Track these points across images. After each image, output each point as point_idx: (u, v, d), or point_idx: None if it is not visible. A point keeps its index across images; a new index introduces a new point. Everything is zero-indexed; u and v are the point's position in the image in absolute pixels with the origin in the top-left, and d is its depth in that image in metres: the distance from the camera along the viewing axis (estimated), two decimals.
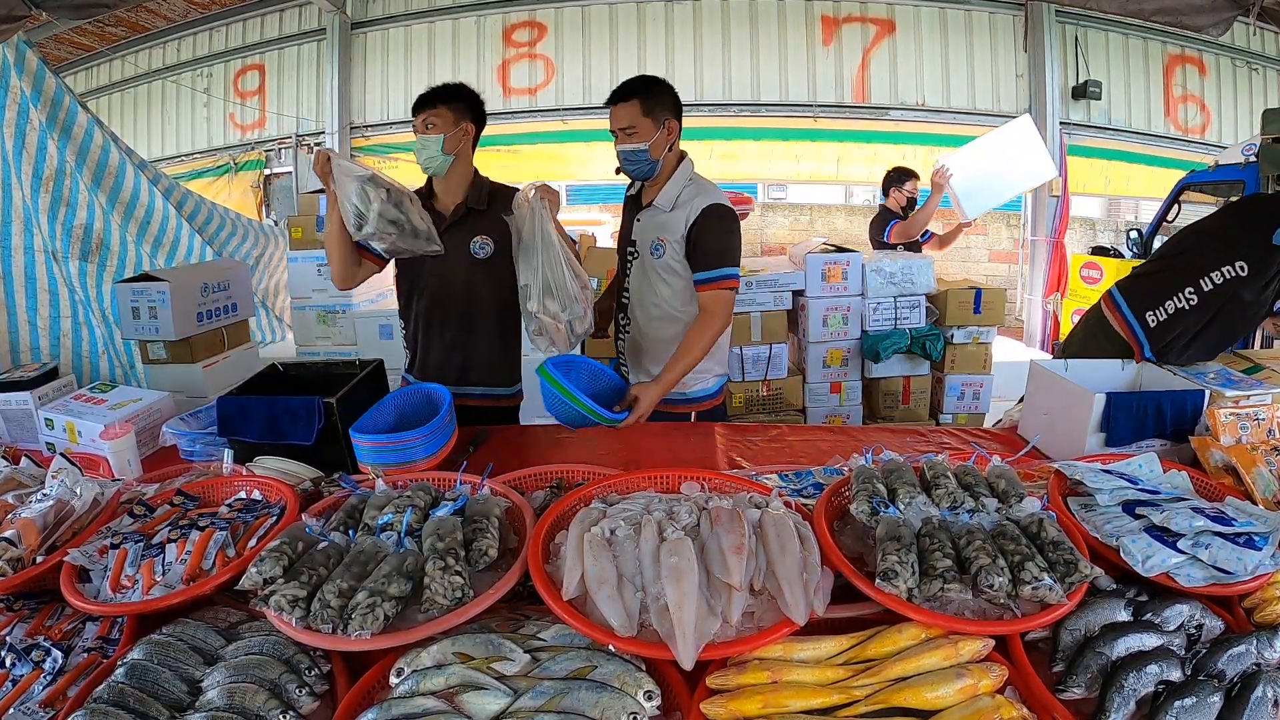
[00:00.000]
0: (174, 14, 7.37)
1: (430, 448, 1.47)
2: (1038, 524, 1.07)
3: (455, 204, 1.99)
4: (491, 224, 1.94)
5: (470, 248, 1.96)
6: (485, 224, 1.96)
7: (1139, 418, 1.55)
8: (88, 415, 1.75)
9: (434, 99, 1.93)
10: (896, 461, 1.28)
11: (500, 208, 1.90)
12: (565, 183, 7.31)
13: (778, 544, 1.01)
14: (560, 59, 6.77)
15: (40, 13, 2.30)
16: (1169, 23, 2.14)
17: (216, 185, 7.39)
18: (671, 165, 1.98)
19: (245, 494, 1.35)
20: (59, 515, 1.25)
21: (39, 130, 2.86)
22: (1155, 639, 0.94)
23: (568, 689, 0.87)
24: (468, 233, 1.96)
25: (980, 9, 6.54)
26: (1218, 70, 6.82)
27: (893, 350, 3.58)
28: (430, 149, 1.91)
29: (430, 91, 1.95)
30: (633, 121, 1.87)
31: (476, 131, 2.02)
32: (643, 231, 2.02)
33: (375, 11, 7.10)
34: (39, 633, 1.09)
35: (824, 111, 6.64)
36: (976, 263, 7.18)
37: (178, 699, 0.91)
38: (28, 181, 2.86)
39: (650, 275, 2.00)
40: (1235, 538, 1.07)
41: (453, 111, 1.93)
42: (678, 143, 1.98)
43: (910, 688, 0.87)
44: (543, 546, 1.07)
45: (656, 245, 1.96)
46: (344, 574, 0.98)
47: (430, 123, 1.91)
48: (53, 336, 3.02)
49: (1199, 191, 4.66)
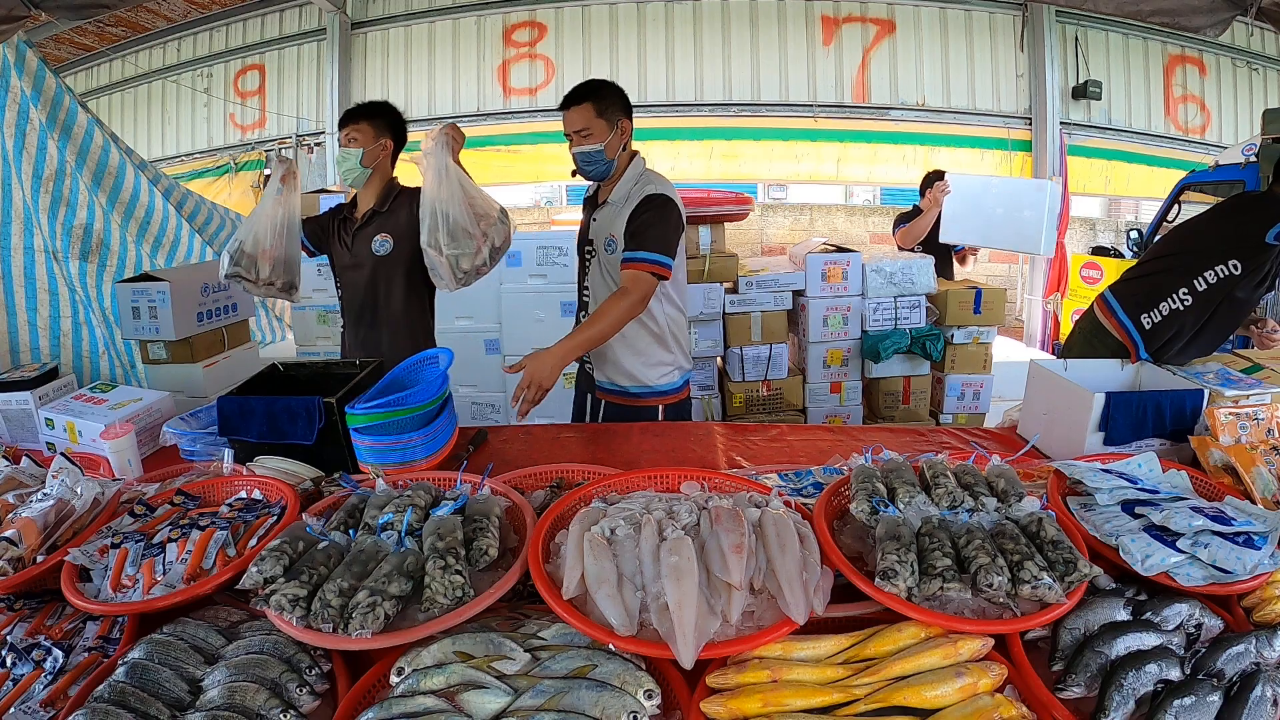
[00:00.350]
0: (174, 14, 7.37)
1: (430, 447, 1.47)
2: (1037, 523, 1.07)
3: (371, 205, 2.14)
4: (393, 222, 2.10)
5: (372, 246, 2.11)
6: (388, 223, 2.12)
7: (1138, 417, 1.55)
8: (88, 415, 1.75)
9: (357, 115, 2.08)
10: (896, 461, 1.28)
11: (404, 207, 2.08)
12: (565, 183, 7.32)
13: (778, 543, 1.01)
14: (560, 59, 6.77)
15: (40, 13, 2.30)
16: (1166, 23, 2.14)
17: (216, 185, 7.39)
18: (624, 164, 2.02)
19: (246, 494, 1.35)
20: (59, 515, 1.25)
21: (39, 130, 2.86)
22: (1154, 638, 0.94)
23: (568, 688, 0.87)
24: (372, 232, 2.12)
25: (980, 9, 6.54)
26: (1218, 70, 6.83)
27: (893, 350, 3.58)
28: (350, 161, 2.06)
29: (354, 107, 2.11)
30: (587, 123, 1.92)
31: (396, 148, 2.18)
32: (598, 230, 2.06)
33: (375, 11, 7.10)
34: (39, 632, 1.10)
35: (824, 111, 6.64)
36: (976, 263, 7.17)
37: (178, 698, 0.91)
38: (28, 181, 2.86)
39: (606, 273, 2.03)
40: (1234, 537, 1.07)
41: (373, 128, 2.08)
42: (630, 141, 2.03)
43: (910, 687, 0.87)
44: (543, 546, 1.07)
45: (610, 242, 1.99)
46: (344, 573, 0.98)
47: (352, 137, 2.06)
48: (53, 336, 3.02)
49: (1199, 191, 4.66)
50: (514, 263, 3.64)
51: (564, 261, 3.60)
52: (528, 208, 7.39)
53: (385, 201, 2.13)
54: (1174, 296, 2.05)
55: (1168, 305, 2.06)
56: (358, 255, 2.14)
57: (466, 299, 3.70)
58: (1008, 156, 6.68)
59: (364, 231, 2.13)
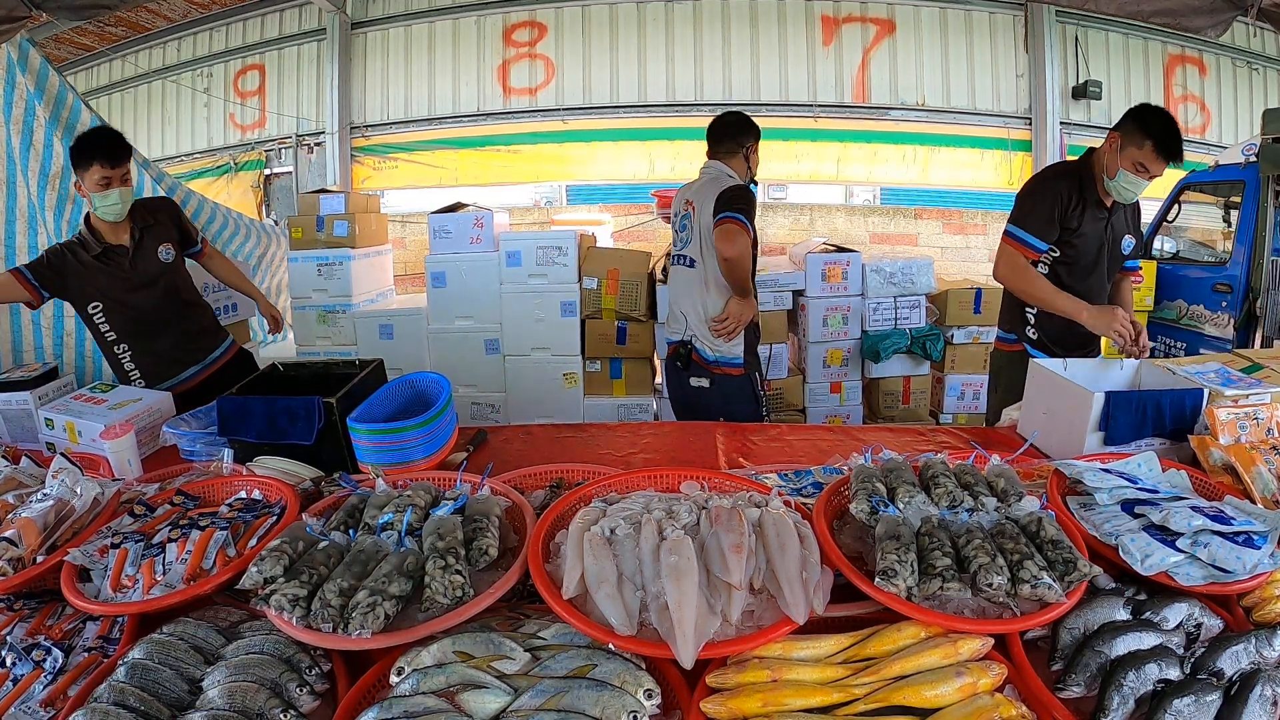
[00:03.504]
0: (174, 14, 7.37)
1: (430, 447, 1.47)
2: (1037, 523, 1.07)
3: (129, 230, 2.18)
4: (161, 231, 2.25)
5: (159, 256, 2.23)
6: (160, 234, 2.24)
7: (1138, 417, 1.55)
8: (88, 415, 1.75)
9: (125, 153, 2.08)
10: (896, 461, 1.28)
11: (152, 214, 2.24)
12: (565, 183, 7.32)
13: (777, 543, 1.01)
14: (560, 59, 6.77)
15: (40, 13, 2.31)
16: (1168, 24, 2.15)
17: (216, 185, 7.39)
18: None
19: (245, 494, 1.35)
20: (59, 515, 1.25)
21: (45, 128, 2.87)
22: (1154, 638, 0.94)
23: (568, 688, 0.87)
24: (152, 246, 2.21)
25: (980, 9, 6.54)
26: (1218, 70, 6.82)
27: (893, 350, 3.59)
28: (124, 202, 2.09)
29: (119, 146, 2.08)
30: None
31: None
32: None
33: (375, 11, 7.10)
34: (39, 632, 1.10)
35: (824, 111, 6.64)
36: (976, 263, 7.17)
37: (178, 698, 0.91)
38: (34, 179, 2.86)
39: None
40: (1234, 537, 1.07)
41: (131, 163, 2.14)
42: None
43: (909, 686, 0.87)
44: (543, 546, 1.07)
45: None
46: (344, 573, 0.98)
47: (124, 177, 2.08)
48: (56, 335, 3.03)
49: (1199, 191, 4.66)
50: (514, 263, 3.64)
51: (564, 261, 3.60)
52: (527, 208, 7.37)
53: (143, 218, 2.21)
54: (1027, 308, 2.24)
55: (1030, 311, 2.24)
56: (145, 273, 2.19)
57: (466, 299, 3.73)
58: (1008, 156, 6.68)
59: (143, 249, 2.19)
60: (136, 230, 2.18)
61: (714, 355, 2.40)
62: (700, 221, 2.36)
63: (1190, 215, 4.84)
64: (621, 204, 7.01)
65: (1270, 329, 3.94)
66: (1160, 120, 1.97)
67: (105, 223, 2.13)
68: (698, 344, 2.42)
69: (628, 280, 3.57)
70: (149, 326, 2.23)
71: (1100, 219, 2.14)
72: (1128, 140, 2.00)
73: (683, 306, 2.46)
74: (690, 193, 2.46)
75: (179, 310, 2.29)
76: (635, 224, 6.74)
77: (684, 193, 2.52)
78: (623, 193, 7.03)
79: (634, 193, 7.01)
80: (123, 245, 2.16)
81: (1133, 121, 2.00)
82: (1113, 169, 2.04)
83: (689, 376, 2.45)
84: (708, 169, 2.45)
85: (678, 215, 2.53)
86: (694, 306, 2.41)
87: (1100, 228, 2.15)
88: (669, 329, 2.56)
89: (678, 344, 2.48)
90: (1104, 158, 2.07)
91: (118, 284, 2.15)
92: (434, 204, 4.12)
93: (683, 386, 2.48)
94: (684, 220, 2.48)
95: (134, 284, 2.18)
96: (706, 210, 2.31)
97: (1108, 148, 2.05)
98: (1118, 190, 2.06)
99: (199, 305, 2.40)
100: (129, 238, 2.17)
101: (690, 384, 2.45)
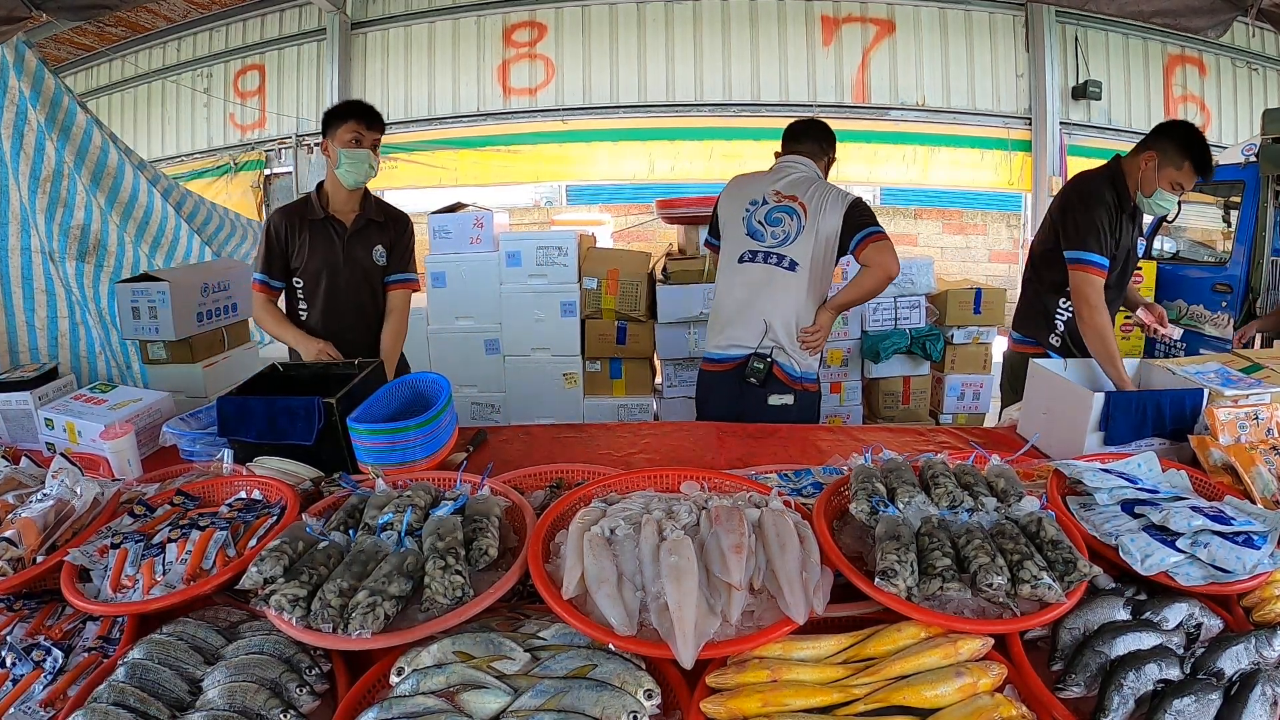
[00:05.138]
0: (174, 14, 7.37)
1: (430, 447, 1.47)
2: (1037, 523, 1.07)
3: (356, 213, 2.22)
4: (386, 237, 2.27)
5: (373, 255, 2.24)
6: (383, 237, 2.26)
7: (1138, 417, 1.55)
8: (88, 415, 1.75)
9: (377, 120, 2.13)
10: (896, 461, 1.28)
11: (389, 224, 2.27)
12: (565, 183, 7.32)
13: (777, 543, 1.01)
14: (560, 59, 6.77)
15: (40, 13, 2.30)
16: (1168, 24, 2.15)
17: (216, 185, 7.39)
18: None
19: (245, 494, 1.35)
20: (59, 515, 1.25)
21: (37, 131, 2.86)
22: (1154, 638, 0.94)
23: (568, 688, 0.87)
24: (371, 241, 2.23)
25: (980, 9, 6.54)
26: (1218, 70, 6.82)
27: (893, 350, 3.59)
28: (366, 164, 2.11)
29: (376, 115, 2.14)
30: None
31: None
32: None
33: (375, 11, 7.10)
34: (39, 632, 1.10)
35: (824, 111, 6.63)
36: (976, 263, 7.18)
37: (178, 698, 0.91)
38: (25, 182, 2.85)
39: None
40: (1234, 537, 1.07)
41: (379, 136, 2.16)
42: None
43: (909, 686, 0.87)
44: (543, 546, 1.07)
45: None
46: (344, 573, 0.98)
47: (375, 141, 2.12)
48: (50, 337, 3.03)
49: (1199, 191, 4.65)
50: (514, 263, 3.64)
51: (564, 262, 3.60)
52: (527, 208, 7.37)
53: (376, 212, 2.25)
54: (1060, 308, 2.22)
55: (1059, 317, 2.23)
56: (353, 258, 2.20)
57: (467, 299, 3.72)
58: (1008, 157, 6.68)
59: (362, 236, 2.21)
60: (363, 218, 2.21)
61: (800, 371, 2.16)
62: (820, 224, 2.11)
63: (1190, 215, 4.84)
64: (621, 204, 7.02)
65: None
66: (1199, 141, 1.98)
67: (339, 191, 2.15)
68: (780, 358, 2.13)
69: (628, 280, 3.57)
70: (335, 307, 2.22)
71: (1129, 227, 2.14)
72: (1165, 160, 1.99)
73: (767, 314, 2.12)
74: (782, 185, 2.18)
75: (362, 312, 2.26)
76: (635, 224, 6.75)
77: (765, 182, 2.21)
78: (623, 193, 7.04)
79: (634, 193, 7.02)
80: (343, 222, 2.19)
81: (1170, 142, 2.00)
82: (1149, 187, 2.03)
83: (767, 394, 2.14)
84: (797, 164, 2.23)
85: (758, 205, 2.18)
86: (785, 315, 2.13)
87: (1131, 238, 2.15)
88: (726, 337, 2.19)
89: (749, 357, 2.13)
90: (1139, 175, 2.06)
91: (322, 252, 2.16)
92: (434, 204, 4.11)
93: (758, 405, 2.14)
94: (775, 214, 2.15)
95: (335, 260, 2.18)
96: (830, 215, 2.11)
97: (1144, 165, 2.04)
98: (1153, 207, 2.06)
99: (376, 323, 2.30)
100: (353, 219, 2.19)
101: (769, 402, 2.15)
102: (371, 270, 2.24)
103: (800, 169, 2.23)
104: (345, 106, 2.14)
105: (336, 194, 2.18)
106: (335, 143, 2.09)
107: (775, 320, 2.12)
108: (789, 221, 2.14)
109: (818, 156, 2.28)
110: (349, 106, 2.13)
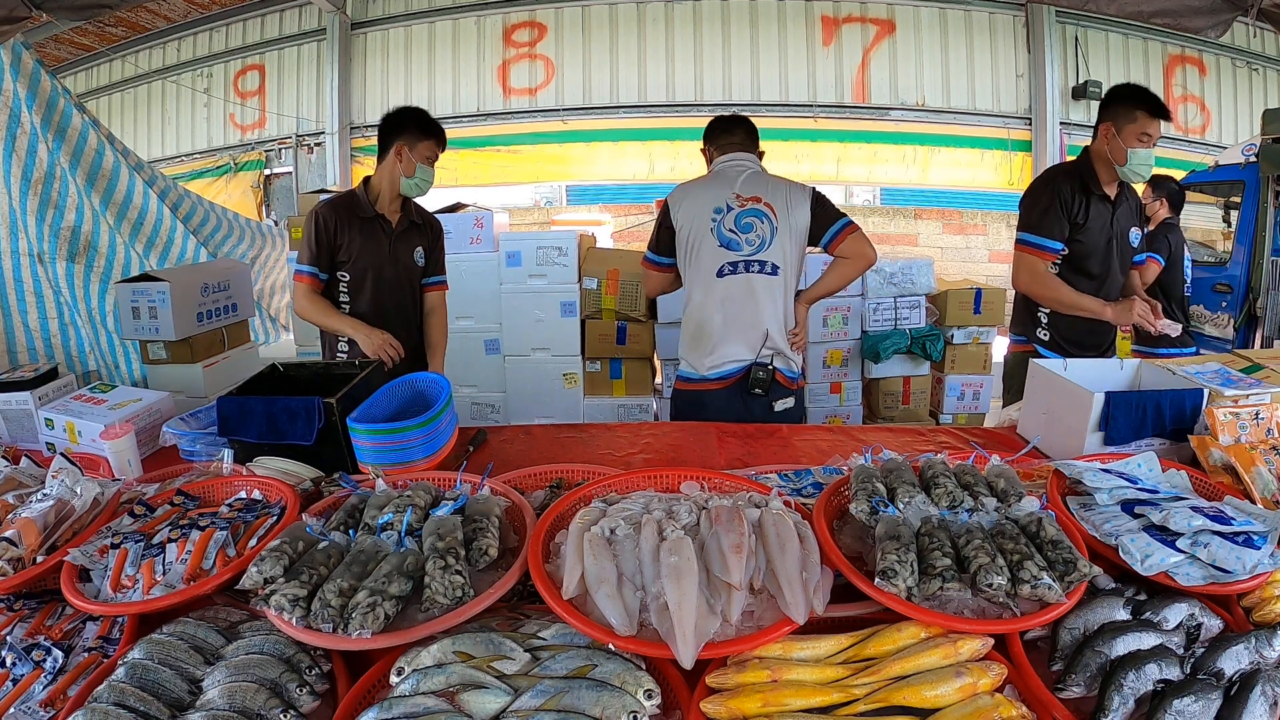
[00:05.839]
0: (174, 14, 7.38)
1: (430, 447, 1.47)
2: (1037, 523, 1.07)
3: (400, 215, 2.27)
4: (425, 240, 2.35)
5: (414, 257, 2.31)
6: (423, 240, 2.34)
7: (1138, 417, 1.55)
8: (88, 415, 1.75)
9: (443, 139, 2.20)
10: (896, 461, 1.28)
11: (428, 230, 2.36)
12: (565, 183, 7.32)
13: (777, 543, 1.01)
14: (560, 59, 6.78)
15: (40, 13, 2.31)
16: (1168, 24, 2.15)
17: (216, 186, 7.40)
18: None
19: (245, 494, 1.35)
20: (59, 515, 1.25)
21: (30, 133, 2.86)
22: (1154, 638, 0.94)
23: (568, 688, 0.87)
24: (414, 243, 2.30)
25: (980, 9, 6.54)
26: (1218, 70, 6.83)
27: (893, 350, 3.59)
28: (430, 182, 2.21)
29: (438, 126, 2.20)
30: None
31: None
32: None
33: (375, 11, 7.10)
34: (39, 632, 1.10)
35: (824, 112, 6.65)
36: (976, 263, 7.18)
37: (178, 698, 0.91)
38: (15, 184, 2.86)
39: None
40: (1234, 537, 1.07)
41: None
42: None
43: (909, 686, 0.87)
44: (543, 546, 1.07)
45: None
46: (344, 573, 0.98)
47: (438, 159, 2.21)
48: (44, 338, 3.04)
49: (1199, 191, 4.66)
50: (514, 263, 3.64)
51: (564, 262, 3.60)
52: (527, 208, 7.37)
53: (416, 215, 2.32)
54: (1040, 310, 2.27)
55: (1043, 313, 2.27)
56: (398, 258, 2.26)
57: (467, 299, 3.72)
58: (1008, 157, 6.69)
59: (405, 237, 2.28)
60: (406, 220, 2.27)
61: (795, 371, 2.14)
62: (791, 223, 2.06)
63: (1190, 215, 4.85)
64: (621, 204, 7.02)
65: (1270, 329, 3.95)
66: (1139, 89, 2.04)
67: (387, 193, 2.20)
68: (779, 362, 2.10)
69: (628, 280, 3.57)
70: (380, 302, 2.23)
71: (1104, 213, 2.16)
72: (1121, 122, 2.04)
73: (762, 323, 2.07)
74: (740, 187, 2.09)
75: (403, 310, 2.31)
76: (635, 224, 6.75)
77: (720, 187, 2.10)
78: (623, 193, 7.04)
79: (634, 193, 7.02)
80: (389, 221, 2.24)
81: (1116, 106, 2.06)
82: (1120, 154, 2.06)
83: (773, 401, 2.10)
84: (743, 161, 2.15)
85: (724, 213, 2.07)
86: (777, 318, 2.09)
87: (1105, 221, 2.17)
88: (720, 355, 2.09)
89: (750, 368, 2.06)
90: (1104, 150, 2.10)
91: (370, 249, 2.20)
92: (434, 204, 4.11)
93: (764, 414, 2.09)
94: (744, 219, 2.06)
95: (382, 258, 2.22)
96: (798, 210, 2.07)
97: (1104, 138, 2.08)
98: (1134, 170, 2.08)
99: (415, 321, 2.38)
100: (397, 220, 2.25)
101: (775, 409, 2.11)
102: (412, 270, 2.31)
103: (748, 165, 2.16)
104: (429, 122, 2.18)
105: (384, 195, 2.21)
106: (415, 155, 2.14)
107: (771, 325, 2.08)
108: (760, 225, 2.07)
109: (753, 150, 2.24)
110: (432, 123, 2.18)
